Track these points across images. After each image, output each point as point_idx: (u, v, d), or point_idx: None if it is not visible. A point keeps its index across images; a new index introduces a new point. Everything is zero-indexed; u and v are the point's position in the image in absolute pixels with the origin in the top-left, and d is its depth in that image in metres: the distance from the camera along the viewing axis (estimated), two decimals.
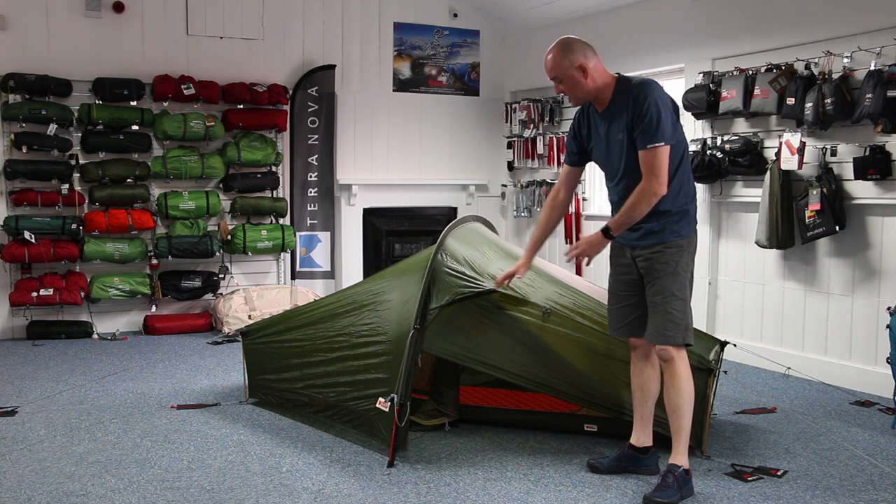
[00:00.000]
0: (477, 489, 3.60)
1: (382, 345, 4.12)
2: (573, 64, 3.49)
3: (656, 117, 3.38)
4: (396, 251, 8.29)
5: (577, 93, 3.57)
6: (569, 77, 3.52)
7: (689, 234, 3.57)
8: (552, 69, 3.56)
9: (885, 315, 4.77)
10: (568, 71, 3.51)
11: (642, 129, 3.40)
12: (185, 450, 4.07)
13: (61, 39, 6.89)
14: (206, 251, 7.15)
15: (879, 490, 3.63)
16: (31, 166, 6.67)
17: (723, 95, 5.93)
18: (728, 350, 4.61)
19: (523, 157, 8.30)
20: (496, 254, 4.37)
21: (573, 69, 3.50)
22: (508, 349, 4.08)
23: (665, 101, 3.46)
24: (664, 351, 3.50)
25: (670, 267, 3.49)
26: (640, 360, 3.71)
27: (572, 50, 3.51)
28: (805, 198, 5.42)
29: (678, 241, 3.51)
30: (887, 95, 4.86)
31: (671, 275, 3.49)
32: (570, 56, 3.50)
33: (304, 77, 7.71)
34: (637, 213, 3.42)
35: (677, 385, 3.51)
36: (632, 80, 3.54)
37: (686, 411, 3.52)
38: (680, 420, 3.53)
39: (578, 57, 3.49)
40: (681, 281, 3.51)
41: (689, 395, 3.53)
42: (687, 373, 3.52)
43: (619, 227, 3.47)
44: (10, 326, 6.85)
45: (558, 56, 3.52)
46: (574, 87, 3.54)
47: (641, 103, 3.40)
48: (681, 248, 3.52)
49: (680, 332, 3.48)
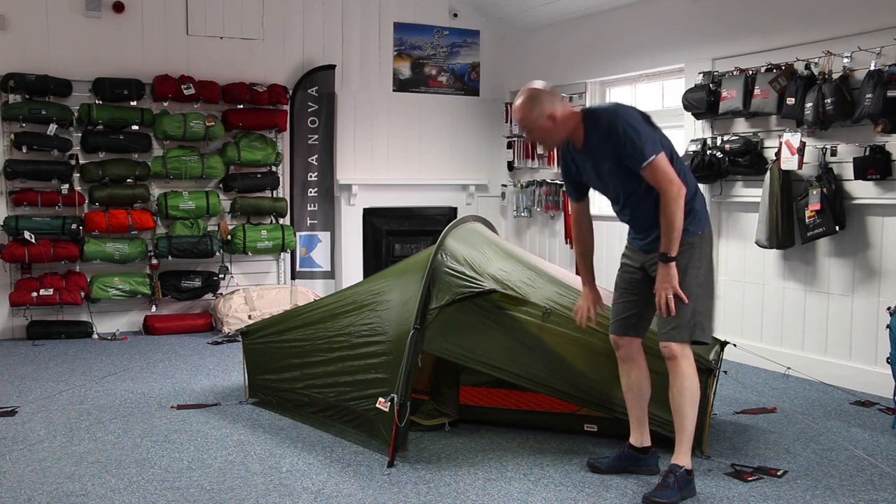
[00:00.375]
0: (477, 489, 3.60)
1: (382, 345, 4.12)
2: (542, 114, 3.50)
3: (635, 138, 3.39)
4: (396, 251, 8.29)
5: (548, 141, 3.62)
6: (539, 127, 3.53)
7: (698, 230, 3.55)
8: (521, 121, 3.57)
9: (885, 315, 4.77)
10: (538, 121, 3.52)
11: (630, 155, 3.41)
12: (185, 450, 4.07)
13: (61, 39, 6.89)
14: (206, 251, 7.15)
15: (879, 490, 3.63)
16: (31, 166, 6.67)
17: (723, 95, 5.93)
18: (728, 350, 4.61)
19: (523, 157, 8.31)
20: (496, 254, 4.36)
21: (542, 119, 3.51)
22: (508, 349, 4.08)
23: (633, 117, 3.47)
24: (667, 348, 3.49)
25: (686, 266, 3.48)
26: (625, 362, 3.72)
27: (540, 101, 3.51)
28: (805, 198, 5.42)
29: (688, 238, 3.50)
30: (887, 95, 4.86)
31: (682, 273, 3.47)
32: (538, 107, 3.50)
33: (304, 77, 7.71)
34: (677, 221, 3.40)
35: (680, 384, 3.50)
36: (596, 112, 3.55)
37: (689, 412, 3.52)
38: (683, 420, 3.52)
39: (546, 107, 3.50)
40: (691, 279, 3.49)
41: (693, 395, 3.52)
42: (691, 372, 3.51)
43: (672, 244, 3.42)
44: (10, 326, 6.85)
45: (527, 108, 3.52)
46: (545, 136, 3.57)
47: (617, 133, 3.41)
48: (691, 246, 3.52)
49: (685, 330, 3.47)
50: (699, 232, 3.56)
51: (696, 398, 3.54)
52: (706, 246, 3.60)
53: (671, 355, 3.49)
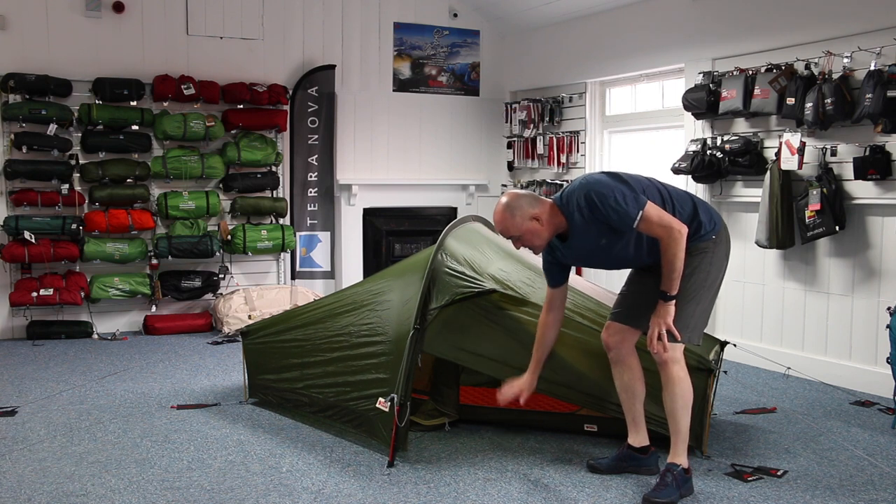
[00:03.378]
0: (477, 489, 3.60)
1: (382, 345, 4.12)
2: (525, 217, 3.46)
3: (615, 205, 3.34)
4: (396, 251, 8.29)
5: (536, 242, 3.52)
6: (526, 231, 3.48)
7: (711, 235, 3.54)
8: (507, 231, 3.51)
9: (885, 315, 4.77)
10: (523, 226, 3.47)
11: (618, 221, 3.37)
12: (185, 450, 4.07)
13: (61, 39, 6.89)
14: (206, 251, 7.15)
15: (879, 490, 3.63)
16: (31, 166, 6.67)
17: (723, 95, 5.93)
18: (728, 350, 4.61)
19: (523, 157, 8.30)
20: (496, 254, 4.37)
21: (528, 222, 3.46)
22: (508, 349, 4.08)
23: (603, 184, 3.41)
24: (658, 353, 3.48)
25: (694, 270, 3.48)
26: (616, 365, 3.72)
27: (520, 206, 3.47)
28: (805, 198, 5.42)
29: (704, 244, 3.51)
30: (887, 95, 4.86)
31: (687, 276, 3.46)
32: (519, 213, 3.46)
33: (304, 77, 7.71)
34: (677, 262, 3.37)
35: (672, 389, 3.50)
36: (568, 198, 3.46)
37: (682, 415, 3.52)
38: (677, 423, 3.53)
39: (527, 210, 3.46)
40: (696, 281, 3.48)
41: (685, 399, 3.51)
42: (682, 375, 3.50)
43: (672, 283, 3.39)
44: (10, 326, 6.85)
45: (508, 218, 3.47)
46: (534, 237, 3.50)
47: (597, 208, 3.37)
48: (706, 252, 3.52)
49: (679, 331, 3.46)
50: (713, 237, 3.55)
51: (689, 400, 3.53)
52: (721, 250, 3.59)
53: (661, 360, 3.48)
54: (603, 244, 3.51)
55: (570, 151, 7.74)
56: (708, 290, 3.55)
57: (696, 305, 3.51)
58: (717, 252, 3.58)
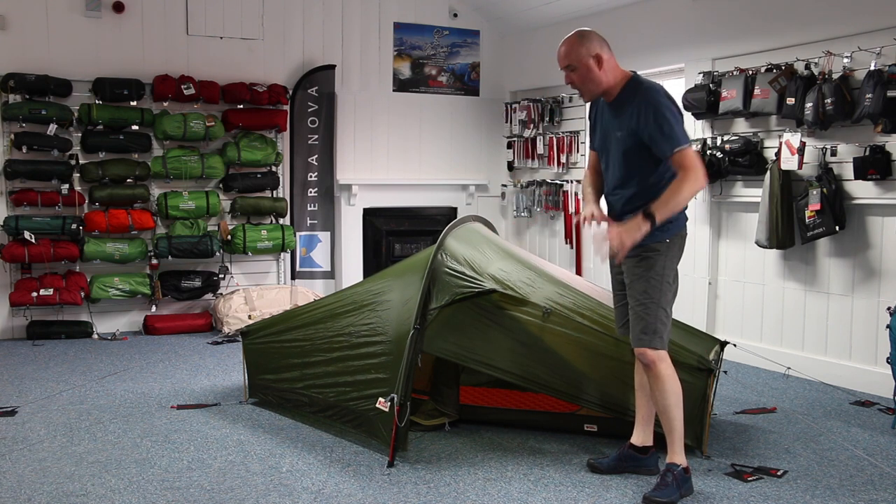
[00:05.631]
0: (477, 489, 3.60)
1: (382, 345, 4.12)
2: (590, 52, 3.44)
3: (672, 121, 3.34)
4: (396, 251, 8.29)
5: (588, 85, 3.49)
6: (584, 65, 3.45)
7: (671, 235, 3.48)
8: (566, 56, 3.47)
9: (885, 315, 4.78)
10: (584, 59, 3.44)
11: (659, 137, 3.33)
12: (185, 450, 4.07)
13: (61, 39, 6.89)
14: (206, 251, 7.15)
15: (879, 490, 3.63)
16: (31, 166, 6.67)
17: (723, 95, 5.93)
18: (728, 350, 4.61)
19: (523, 157, 8.30)
20: (496, 254, 4.36)
21: (589, 57, 3.44)
22: (508, 349, 4.08)
23: (676, 105, 3.44)
24: (643, 354, 3.47)
25: (649, 272, 3.44)
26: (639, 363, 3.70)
27: (590, 39, 3.46)
28: (805, 198, 5.42)
29: (656, 244, 3.45)
30: (887, 95, 4.86)
31: (646, 279, 3.44)
32: (587, 44, 3.44)
33: (304, 77, 7.71)
34: (681, 199, 3.29)
35: (661, 387, 3.48)
36: (643, 83, 3.49)
37: (675, 412, 3.51)
38: (671, 421, 3.52)
39: (595, 46, 3.45)
40: (655, 285, 3.44)
41: (675, 395, 3.49)
42: (669, 373, 3.48)
43: (663, 211, 3.29)
44: (10, 326, 6.85)
45: (575, 43, 3.45)
46: (587, 77, 3.47)
47: (654, 109, 3.35)
48: (658, 252, 3.46)
49: (656, 338, 3.44)
50: (668, 238, 3.47)
51: (680, 397, 3.51)
52: (675, 252, 3.52)
53: (647, 361, 3.46)
54: (618, 137, 3.48)
55: (570, 151, 7.74)
56: (667, 293, 3.50)
57: (662, 310, 3.47)
58: (671, 254, 3.51)
